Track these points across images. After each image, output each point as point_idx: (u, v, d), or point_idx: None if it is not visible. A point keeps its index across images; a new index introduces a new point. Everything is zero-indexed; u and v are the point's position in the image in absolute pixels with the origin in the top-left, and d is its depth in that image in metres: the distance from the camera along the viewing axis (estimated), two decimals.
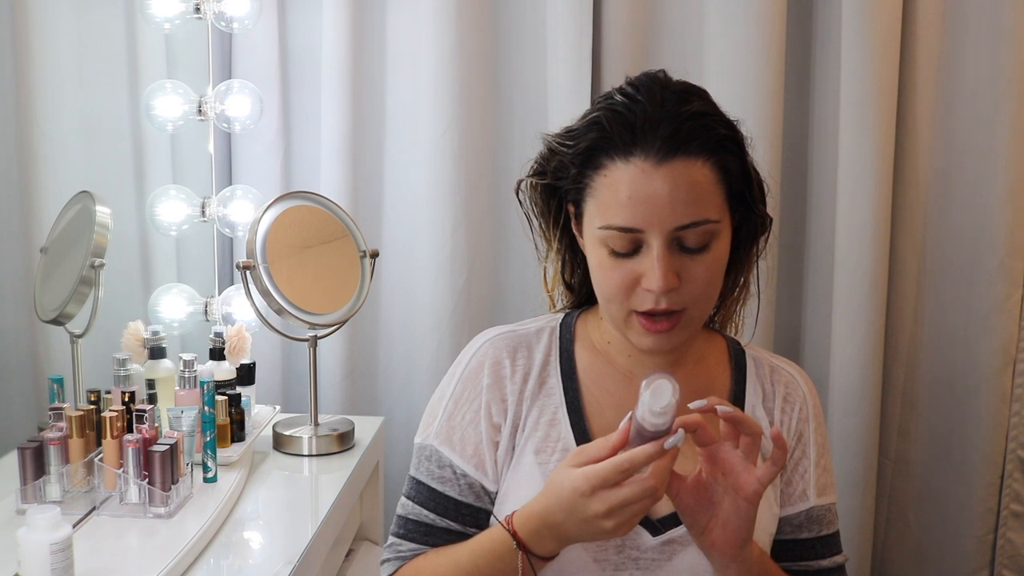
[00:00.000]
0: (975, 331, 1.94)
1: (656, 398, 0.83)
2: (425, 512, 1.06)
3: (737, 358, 1.11)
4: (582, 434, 1.03)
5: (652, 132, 0.91)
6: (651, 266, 0.92)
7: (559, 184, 1.01)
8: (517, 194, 1.08)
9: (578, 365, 1.07)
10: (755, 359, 1.11)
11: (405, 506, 1.08)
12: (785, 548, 1.08)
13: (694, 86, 0.98)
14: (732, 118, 0.98)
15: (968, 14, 1.88)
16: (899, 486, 2.04)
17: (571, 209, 1.02)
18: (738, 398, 1.07)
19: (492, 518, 1.05)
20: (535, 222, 1.08)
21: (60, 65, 1.54)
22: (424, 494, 1.06)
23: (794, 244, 2.01)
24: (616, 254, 0.95)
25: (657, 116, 0.92)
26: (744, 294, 1.10)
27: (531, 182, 1.05)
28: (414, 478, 1.08)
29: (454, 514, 1.05)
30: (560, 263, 1.10)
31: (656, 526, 1.00)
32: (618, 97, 0.96)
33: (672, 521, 1.00)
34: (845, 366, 1.91)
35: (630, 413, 0.86)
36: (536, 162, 1.04)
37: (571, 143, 0.97)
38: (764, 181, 1.02)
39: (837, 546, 1.11)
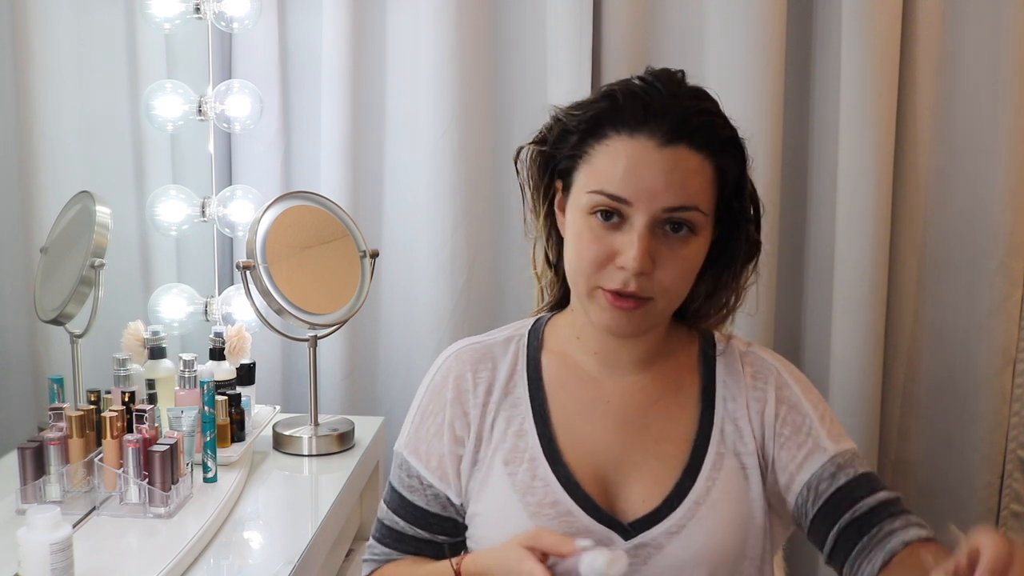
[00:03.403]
0: (975, 331, 1.94)
1: (607, 565, 0.84)
2: (396, 518, 1.08)
3: (707, 360, 1.07)
4: (548, 443, 1.02)
5: (663, 115, 0.93)
6: (629, 243, 0.92)
7: (556, 152, 1.01)
8: (516, 163, 1.07)
9: (544, 372, 1.07)
10: (727, 352, 1.07)
11: (381, 510, 1.11)
12: (833, 504, 0.98)
13: (709, 92, 0.99)
14: (741, 133, 0.99)
15: (968, 14, 1.88)
16: (899, 486, 2.04)
17: (559, 185, 1.02)
18: (708, 396, 1.05)
19: (467, 534, 1.06)
20: (528, 194, 1.07)
21: (60, 65, 1.54)
22: (396, 500, 1.08)
23: (794, 244, 2.01)
24: (597, 215, 0.94)
25: (671, 103, 0.94)
26: (731, 316, 1.08)
27: (531, 151, 1.05)
28: (390, 483, 1.10)
29: (422, 522, 1.07)
30: (545, 240, 1.08)
31: (627, 530, 0.98)
32: (636, 81, 0.98)
33: (644, 524, 0.98)
34: (845, 366, 1.91)
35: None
36: (540, 131, 1.05)
37: (579, 112, 0.99)
38: (761, 202, 1.02)
39: (882, 484, 1.00)
